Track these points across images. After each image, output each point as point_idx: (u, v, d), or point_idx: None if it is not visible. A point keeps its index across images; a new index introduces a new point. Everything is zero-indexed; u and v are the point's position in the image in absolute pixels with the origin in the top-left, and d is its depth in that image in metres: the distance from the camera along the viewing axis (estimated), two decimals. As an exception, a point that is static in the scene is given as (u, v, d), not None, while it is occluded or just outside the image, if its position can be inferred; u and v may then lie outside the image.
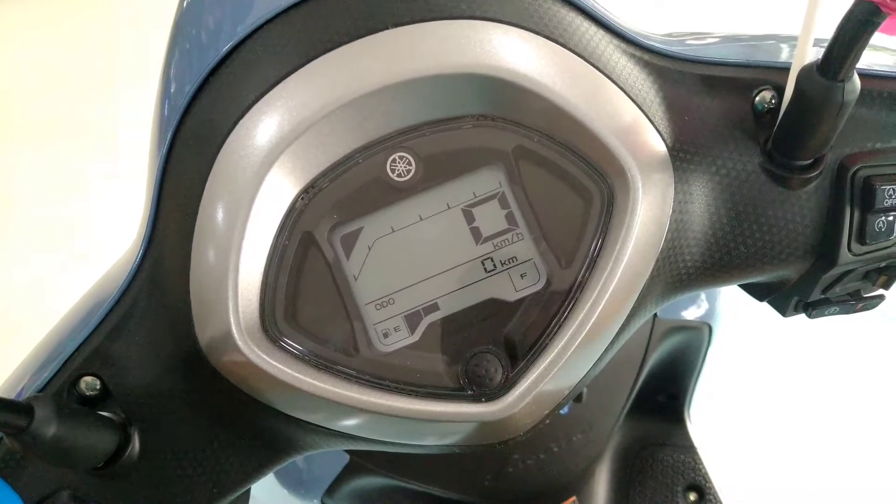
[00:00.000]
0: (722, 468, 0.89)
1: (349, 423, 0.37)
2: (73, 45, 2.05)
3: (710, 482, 0.87)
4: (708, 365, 0.89)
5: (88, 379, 0.37)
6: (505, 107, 0.36)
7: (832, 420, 1.39)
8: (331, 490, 0.79)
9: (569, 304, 0.36)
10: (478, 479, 0.76)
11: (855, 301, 0.44)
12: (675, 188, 0.37)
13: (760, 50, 0.42)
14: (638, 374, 0.80)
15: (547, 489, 0.76)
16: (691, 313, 0.84)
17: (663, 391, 0.92)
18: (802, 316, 0.46)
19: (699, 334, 0.84)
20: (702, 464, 0.88)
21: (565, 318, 0.36)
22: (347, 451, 0.76)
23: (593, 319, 0.35)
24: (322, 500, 0.80)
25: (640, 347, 0.80)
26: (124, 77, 1.97)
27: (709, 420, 1.01)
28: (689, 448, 0.90)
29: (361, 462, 0.77)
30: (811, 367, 1.44)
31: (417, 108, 0.35)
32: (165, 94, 0.40)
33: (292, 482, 0.81)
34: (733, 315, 0.88)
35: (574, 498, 0.77)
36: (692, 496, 0.86)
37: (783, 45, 0.42)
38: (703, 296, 0.84)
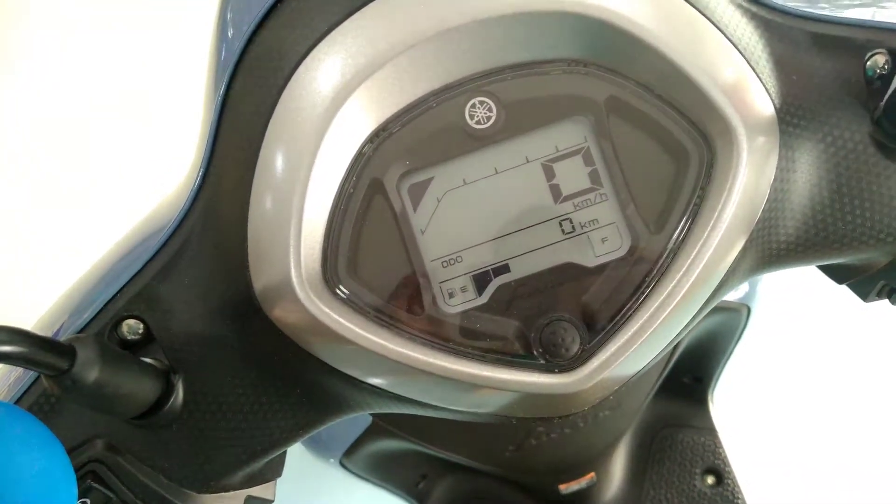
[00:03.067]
0: (742, 453, 0.87)
1: (407, 385, 0.35)
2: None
3: (729, 466, 0.85)
4: (737, 349, 0.87)
5: (131, 322, 0.35)
6: (601, 52, 0.33)
7: (858, 414, 1.37)
8: (350, 451, 0.78)
9: (657, 274, 0.33)
10: (500, 449, 0.75)
11: None
12: (780, 154, 0.34)
13: (876, 12, 0.38)
14: (671, 355, 0.78)
15: (567, 464, 0.75)
16: (731, 294, 0.82)
17: (690, 372, 0.90)
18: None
19: (737, 316, 0.82)
20: (721, 447, 0.87)
21: (652, 289, 0.33)
22: (372, 414, 0.75)
23: (683, 292, 0.33)
24: (340, 461, 0.79)
25: None
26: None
27: (733, 404, 0.99)
28: (710, 431, 0.88)
29: (384, 425, 0.76)
30: (843, 358, 1.42)
31: (505, 49, 0.32)
32: (224, 22, 0.37)
33: (311, 441, 0.80)
34: (771, 300, 0.85)
35: (592, 474, 0.76)
36: (710, 479, 0.85)
37: None
38: (743, 276, 0.82)
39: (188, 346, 0.35)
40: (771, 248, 0.36)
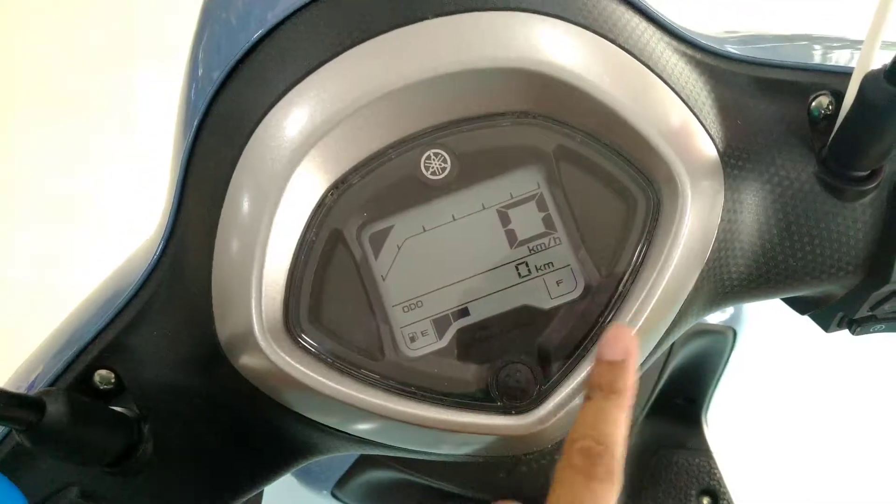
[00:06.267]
0: (739, 474, 0.87)
1: (370, 429, 0.35)
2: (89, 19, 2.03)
3: (725, 487, 0.85)
4: (729, 370, 0.87)
5: (103, 372, 0.36)
6: (548, 104, 0.34)
7: (851, 431, 1.37)
8: (341, 482, 0.78)
9: (607, 315, 0.34)
10: (491, 475, 0.75)
11: None
12: (725, 196, 0.35)
13: (818, 53, 0.39)
14: (658, 378, 0.79)
15: None
16: (716, 317, 0.82)
17: (681, 394, 0.90)
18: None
19: (723, 338, 0.82)
20: (717, 468, 0.87)
21: (603, 330, 0.34)
22: None
23: (634, 332, 0.33)
24: (332, 492, 0.79)
25: (664, 351, 0.78)
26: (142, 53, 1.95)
27: (727, 425, 0.99)
28: (705, 452, 0.88)
29: (374, 456, 0.76)
30: (835, 375, 1.41)
31: (455, 104, 0.34)
32: (193, 77, 0.38)
33: (302, 472, 0.80)
34: (758, 320, 0.85)
35: None
36: (706, 501, 0.85)
37: (842, 49, 0.40)
38: (728, 299, 0.82)
39: (158, 396, 0.36)
40: (724, 285, 0.37)
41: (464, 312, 0.35)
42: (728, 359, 0.86)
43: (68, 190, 1.79)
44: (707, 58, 0.37)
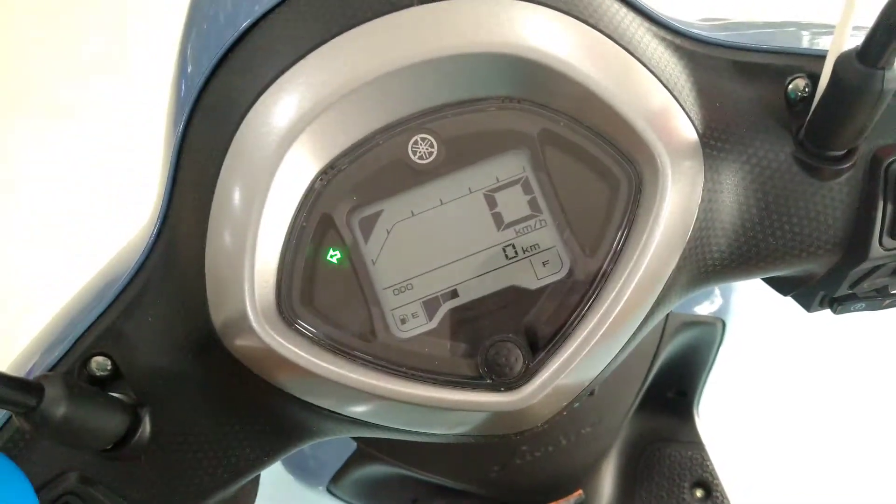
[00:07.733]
0: (730, 465, 0.88)
1: (364, 410, 0.36)
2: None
3: (717, 479, 0.86)
4: (719, 361, 0.88)
5: (99, 359, 0.36)
6: (531, 89, 0.35)
7: (842, 419, 1.38)
8: (336, 477, 0.79)
9: (592, 294, 0.35)
10: (485, 469, 0.75)
11: (882, 297, 0.43)
12: (705, 177, 0.36)
13: (794, 37, 0.41)
14: (649, 369, 0.79)
15: (554, 481, 0.76)
16: (705, 308, 0.83)
17: (672, 387, 0.91)
18: (814, 313, 0.44)
19: (712, 330, 0.83)
20: (709, 460, 0.88)
21: (588, 308, 0.35)
22: (355, 439, 0.76)
23: (617, 310, 0.34)
24: (328, 488, 0.80)
25: (653, 342, 0.79)
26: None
27: (718, 416, 1.00)
28: (697, 444, 0.89)
29: (369, 450, 0.76)
30: (825, 364, 1.43)
31: (441, 89, 0.35)
32: (182, 73, 0.39)
33: (298, 468, 0.81)
34: (747, 311, 0.87)
35: (580, 491, 0.77)
36: (699, 492, 0.86)
37: (818, 33, 0.41)
38: (717, 291, 0.83)
39: (153, 381, 0.36)
40: (706, 264, 0.38)
41: (453, 294, 0.35)
42: (717, 350, 0.87)
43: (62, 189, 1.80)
44: (686, 42, 0.38)
